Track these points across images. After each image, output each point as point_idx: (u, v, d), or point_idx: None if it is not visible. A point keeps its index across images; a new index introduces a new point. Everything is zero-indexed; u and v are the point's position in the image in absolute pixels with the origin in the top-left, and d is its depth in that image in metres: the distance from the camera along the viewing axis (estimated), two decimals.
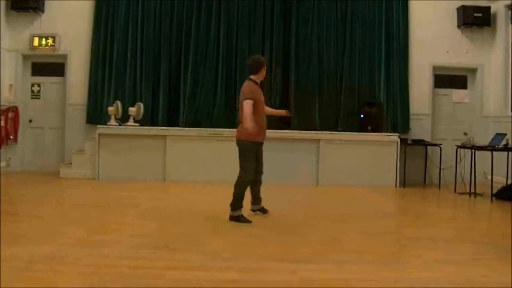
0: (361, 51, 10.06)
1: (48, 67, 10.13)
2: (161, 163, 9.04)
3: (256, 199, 6.17)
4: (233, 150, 8.93)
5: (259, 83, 5.94)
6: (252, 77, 5.88)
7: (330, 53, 10.03)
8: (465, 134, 9.85)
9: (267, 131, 6.13)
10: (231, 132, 9.11)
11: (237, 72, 9.95)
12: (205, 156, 9.03)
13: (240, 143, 5.89)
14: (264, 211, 6.19)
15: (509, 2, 9.39)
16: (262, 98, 5.93)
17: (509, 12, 9.50)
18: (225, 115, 9.90)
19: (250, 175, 5.85)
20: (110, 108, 9.36)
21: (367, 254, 4.50)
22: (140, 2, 9.93)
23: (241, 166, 5.87)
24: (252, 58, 6.08)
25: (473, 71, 10.26)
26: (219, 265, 4.06)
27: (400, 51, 10.02)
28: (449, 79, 10.35)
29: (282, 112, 6.64)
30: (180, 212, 6.37)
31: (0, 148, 9.27)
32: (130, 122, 9.34)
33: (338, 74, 10.05)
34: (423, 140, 9.68)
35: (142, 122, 9.47)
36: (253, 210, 6.14)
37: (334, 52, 10.05)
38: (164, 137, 9.07)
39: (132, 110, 9.35)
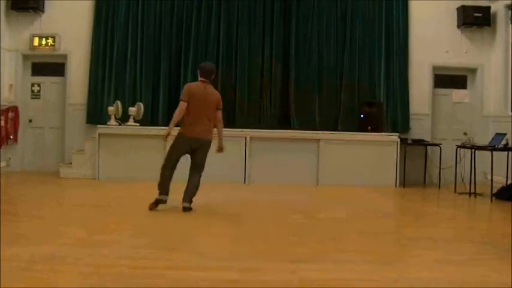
0: (361, 49, 10.07)
1: (48, 67, 10.12)
2: (161, 163, 8.99)
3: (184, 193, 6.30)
4: (233, 149, 9.00)
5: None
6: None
7: (330, 51, 10.04)
8: (465, 134, 9.84)
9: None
10: (231, 131, 9.16)
11: (236, 72, 9.96)
12: None
13: None
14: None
15: (509, 2, 9.39)
16: (205, 100, 6.20)
17: (509, 12, 9.49)
18: (225, 115, 9.87)
19: (165, 161, 6.36)
20: (110, 108, 9.36)
21: (367, 254, 4.50)
22: (140, 1, 9.92)
23: None
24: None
25: (473, 71, 10.26)
26: (219, 265, 4.06)
27: (400, 50, 10.04)
28: (449, 79, 10.35)
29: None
30: (180, 211, 6.36)
31: (0, 148, 9.27)
32: (131, 122, 9.34)
33: (338, 72, 10.07)
34: (423, 140, 9.68)
35: (142, 121, 9.46)
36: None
37: (334, 50, 10.07)
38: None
39: (132, 110, 9.34)
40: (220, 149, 6.34)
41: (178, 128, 6.24)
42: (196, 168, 6.29)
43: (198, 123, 6.12)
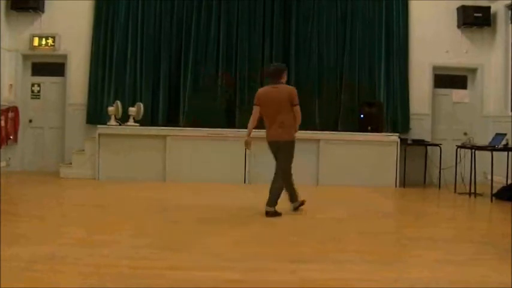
0: (361, 50, 10.07)
1: (48, 67, 10.13)
2: (161, 163, 9.04)
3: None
4: (233, 150, 9.01)
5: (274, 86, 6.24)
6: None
7: (330, 51, 10.04)
8: (465, 134, 9.85)
9: None
10: (232, 132, 9.19)
11: (237, 71, 9.96)
12: (205, 156, 9.04)
13: None
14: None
15: (509, 2, 9.39)
16: (273, 102, 6.14)
17: (509, 12, 9.50)
18: (225, 115, 9.92)
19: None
20: (110, 108, 9.36)
21: (367, 254, 4.50)
22: (140, 1, 9.93)
23: None
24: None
25: (473, 71, 10.26)
26: (219, 265, 4.06)
27: (400, 50, 10.03)
28: (449, 79, 10.35)
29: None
30: (180, 212, 6.37)
31: (0, 148, 9.27)
32: (130, 122, 9.35)
33: (338, 72, 10.07)
34: (423, 140, 9.68)
35: (142, 121, 9.47)
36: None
37: (334, 51, 10.06)
38: (164, 137, 9.07)
39: (132, 110, 9.35)
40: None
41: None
42: (278, 170, 6.25)
43: (271, 126, 6.19)
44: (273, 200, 6.13)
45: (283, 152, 6.19)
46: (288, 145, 6.16)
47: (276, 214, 6.11)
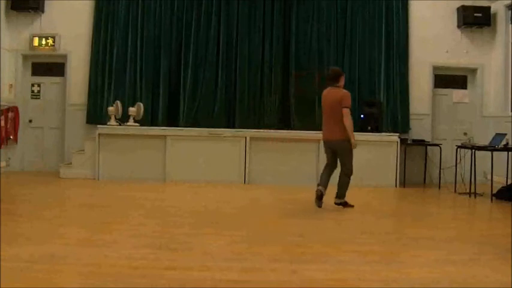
0: (361, 51, 10.07)
1: (48, 67, 10.13)
2: (161, 163, 9.04)
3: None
4: (233, 150, 9.01)
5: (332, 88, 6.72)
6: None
7: (330, 51, 10.05)
8: (465, 134, 9.85)
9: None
10: (231, 132, 9.19)
11: (237, 72, 9.96)
12: (205, 156, 9.04)
13: None
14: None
15: (509, 2, 9.40)
16: (326, 104, 6.71)
17: (509, 12, 9.50)
18: (225, 115, 9.92)
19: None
20: (110, 108, 9.37)
21: (367, 254, 4.50)
22: (140, 1, 9.93)
23: None
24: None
25: (473, 71, 10.26)
26: (219, 265, 4.06)
27: (400, 51, 10.04)
28: (449, 79, 10.36)
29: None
30: (179, 211, 6.37)
31: (0, 148, 9.27)
32: (131, 122, 9.35)
33: None
34: (423, 140, 9.68)
35: (142, 122, 9.47)
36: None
37: (334, 51, 10.07)
38: (164, 137, 9.07)
39: (132, 110, 9.36)
40: (351, 146, 6.59)
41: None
42: (341, 167, 6.75)
43: (325, 126, 6.73)
44: (338, 194, 6.75)
45: (339, 151, 6.66)
46: (341, 144, 6.57)
47: (347, 205, 6.74)
